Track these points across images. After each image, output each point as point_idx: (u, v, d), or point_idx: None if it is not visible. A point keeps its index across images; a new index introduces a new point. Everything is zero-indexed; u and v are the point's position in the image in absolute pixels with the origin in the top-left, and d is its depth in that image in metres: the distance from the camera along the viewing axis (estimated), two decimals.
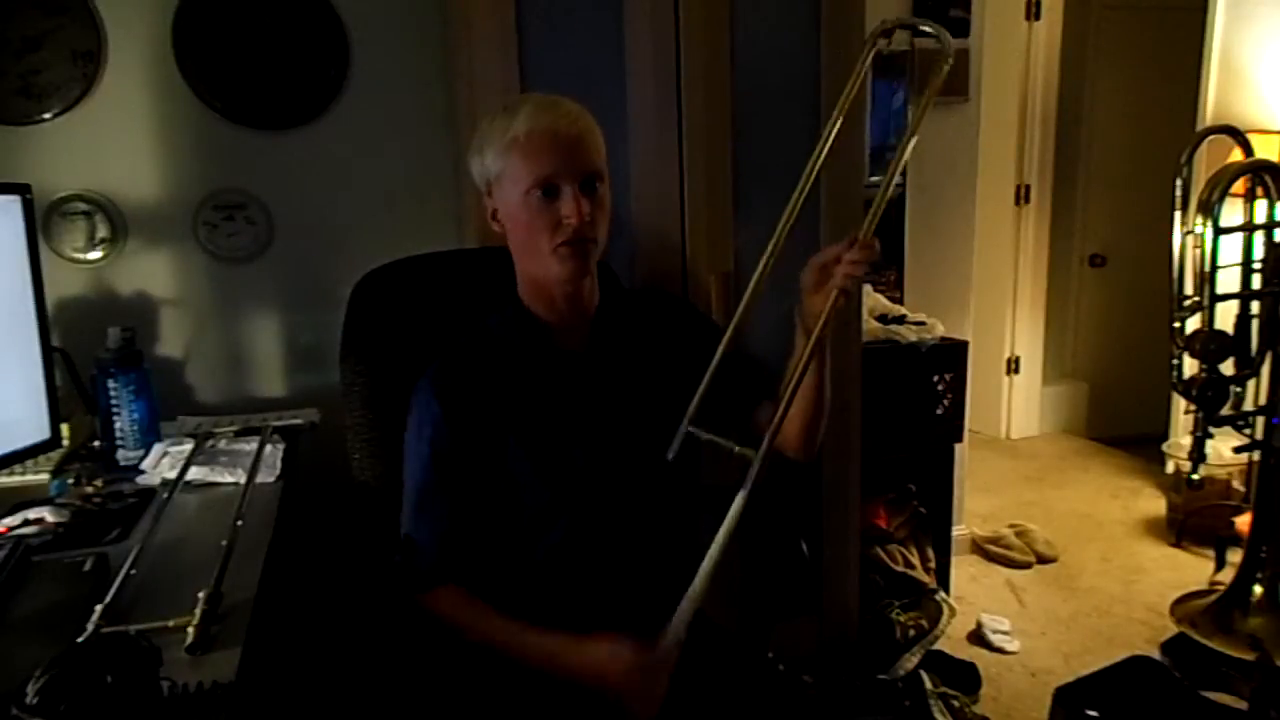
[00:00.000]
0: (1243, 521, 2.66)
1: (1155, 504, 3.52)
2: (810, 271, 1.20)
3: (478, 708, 1.27)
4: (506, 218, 1.24)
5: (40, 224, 1.85)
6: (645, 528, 1.32)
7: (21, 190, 1.41)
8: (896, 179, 2.71)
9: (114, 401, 1.66)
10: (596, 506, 1.29)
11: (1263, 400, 2.41)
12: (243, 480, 1.52)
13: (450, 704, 1.29)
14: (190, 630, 1.01)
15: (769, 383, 1.39)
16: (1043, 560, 3.11)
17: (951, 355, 2.64)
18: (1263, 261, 2.33)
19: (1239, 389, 2.36)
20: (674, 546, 1.36)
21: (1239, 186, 2.37)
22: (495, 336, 1.30)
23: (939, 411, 2.64)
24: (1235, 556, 2.57)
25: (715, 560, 1.14)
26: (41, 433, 1.46)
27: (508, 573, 1.27)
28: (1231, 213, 2.35)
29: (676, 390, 1.35)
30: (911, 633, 2.35)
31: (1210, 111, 3.31)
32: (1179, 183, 2.39)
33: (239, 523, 1.32)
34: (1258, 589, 2.38)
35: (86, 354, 1.73)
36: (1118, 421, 4.28)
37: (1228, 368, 2.36)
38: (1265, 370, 2.37)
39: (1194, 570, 2.96)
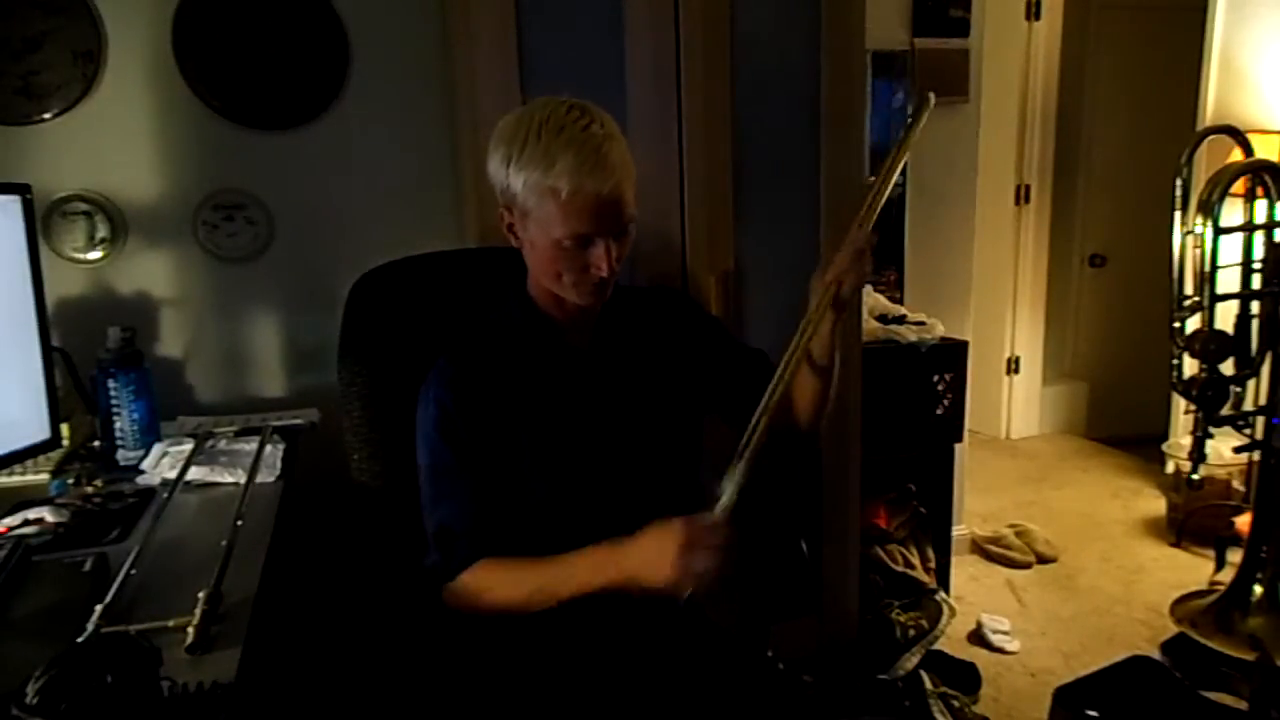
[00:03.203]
0: (1243, 521, 2.66)
1: (1155, 504, 3.52)
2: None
3: (478, 709, 1.27)
4: (530, 246, 1.22)
5: (40, 224, 1.85)
6: (644, 523, 1.32)
7: (21, 190, 1.41)
8: (896, 179, 2.74)
9: (114, 401, 1.66)
10: (598, 501, 1.29)
11: (1263, 400, 2.41)
12: (243, 480, 1.52)
13: (452, 705, 1.29)
14: (190, 630, 1.01)
15: (770, 371, 1.39)
16: (1043, 560, 3.11)
17: (951, 355, 2.64)
18: (1263, 261, 2.33)
19: (1239, 389, 2.36)
20: None
21: (1239, 186, 2.37)
22: (502, 331, 1.30)
23: (939, 411, 2.64)
24: (1235, 556, 2.56)
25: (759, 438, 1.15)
26: (41, 433, 1.46)
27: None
28: (1231, 213, 2.35)
29: (679, 385, 1.36)
30: (911, 633, 2.35)
31: (1210, 111, 3.31)
32: (1179, 183, 2.39)
33: (239, 523, 1.32)
34: (1258, 589, 2.38)
35: (86, 354, 1.73)
36: (1118, 421, 4.28)
37: (1228, 368, 2.36)
38: (1265, 370, 2.37)
39: (1194, 570, 2.96)
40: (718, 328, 1.48)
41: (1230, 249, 2.36)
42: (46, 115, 1.92)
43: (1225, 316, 2.36)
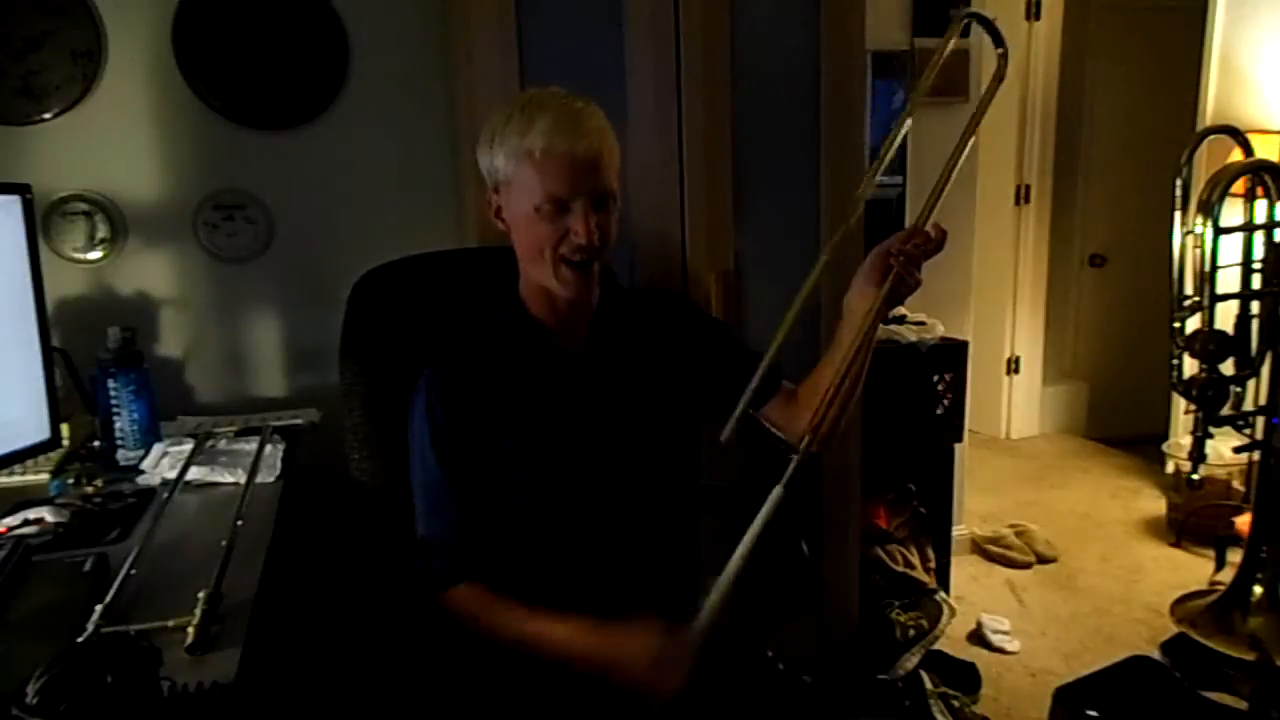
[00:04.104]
0: (1243, 521, 2.66)
1: (1155, 504, 3.52)
2: (872, 261, 1.20)
3: (480, 709, 1.27)
4: (513, 222, 1.22)
5: (40, 224, 1.85)
6: (642, 528, 1.32)
7: (21, 190, 1.41)
8: (896, 179, 2.73)
9: (114, 401, 1.66)
10: (592, 507, 1.29)
11: (1263, 400, 2.40)
12: (243, 480, 1.52)
13: (453, 706, 1.29)
14: (190, 630, 1.01)
15: (776, 377, 1.39)
16: (1043, 560, 3.11)
17: (951, 355, 2.64)
18: (1263, 261, 2.33)
19: (1239, 389, 2.36)
20: (672, 547, 1.36)
21: (1239, 186, 2.36)
22: (494, 336, 1.30)
23: (939, 411, 2.64)
24: (1235, 556, 2.56)
25: (745, 554, 1.13)
26: (41, 433, 1.46)
27: (507, 573, 1.27)
28: (1231, 213, 2.35)
29: (677, 389, 1.36)
30: (911, 633, 2.34)
31: (1210, 111, 3.31)
32: (1179, 183, 2.39)
33: (239, 523, 1.32)
34: (1258, 589, 2.38)
35: (86, 354, 1.73)
36: (1118, 421, 4.28)
37: (1228, 368, 2.36)
38: (1265, 370, 2.37)
39: (1194, 570, 2.96)
40: (721, 332, 1.46)
41: (1230, 249, 2.36)
42: (46, 115, 1.92)
43: (1225, 316, 2.36)
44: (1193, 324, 2.37)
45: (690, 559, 1.39)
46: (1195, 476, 2.54)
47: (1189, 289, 2.37)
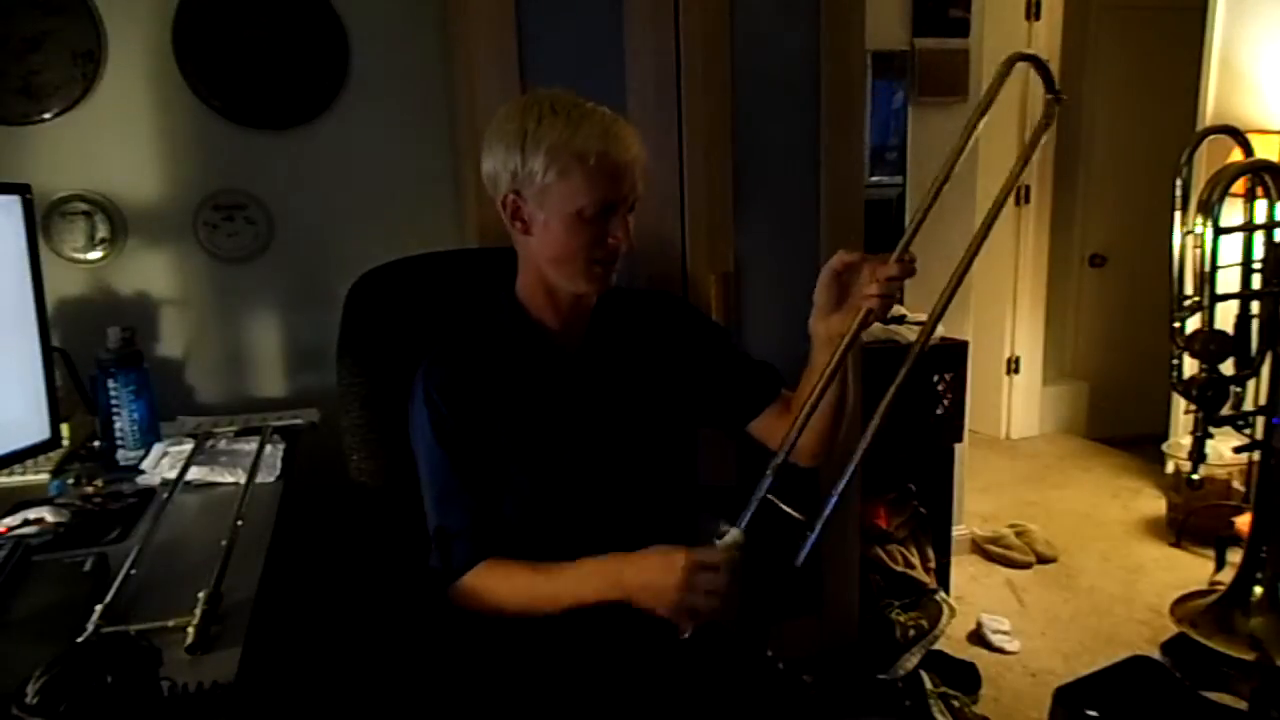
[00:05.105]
0: (1243, 521, 2.66)
1: (1155, 504, 3.51)
2: (825, 287, 1.21)
3: (480, 709, 1.27)
4: (541, 227, 1.20)
5: (40, 224, 1.85)
6: (635, 527, 1.32)
7: (21, 190, 1.41)
8: (896, 179, 2.73)
9: (114, 401, 1.66)
10: (582, 505, 1.29)
11: (1263, 400, 2.40)
12: (243, 480, 1.52)
13: (453, 704, 1.30)
14: (190, 630, 1.01)
15: (775, 384, 1.39)
16: (1043, 560, 3.11)
17: (951, 355, 2.64)
18: (1263, 261, 2.33)
19: (1239, 389, 2.36)
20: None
21: (1239, 186, 2.36)
22: (490, 333, 1.30)
23: (939, 411, 2.64)
24: (1235, 556, 2.56)
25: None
26: (41, 433, 1.46)
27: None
28: (1231, 213, 2.35)
29: (672, 391, 1.36)
30: (911, 633, 2.34)
31: (1210, 111, 3.31)
32: (1179, 183, 2.39)
33: (239, 523, 1.32)
34: (1258, 589, 2.38)
35: (86, 354, 1.73)
36: (1118, 421, 4.27)
37: (1228, 368, 2.36)
38: (1265, 370, 2.37)
39: (1194, 570, 2.95)
40: (720, 336, 1.46)
41: (1230, 249, 2.36)
42: (46, 115, 1.93)
43: (1225, 316, 2.36)
44: (1193, 324, 2.37)
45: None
46: (1195, 476, 2.53)
47: (1189, 289, 2.37)
